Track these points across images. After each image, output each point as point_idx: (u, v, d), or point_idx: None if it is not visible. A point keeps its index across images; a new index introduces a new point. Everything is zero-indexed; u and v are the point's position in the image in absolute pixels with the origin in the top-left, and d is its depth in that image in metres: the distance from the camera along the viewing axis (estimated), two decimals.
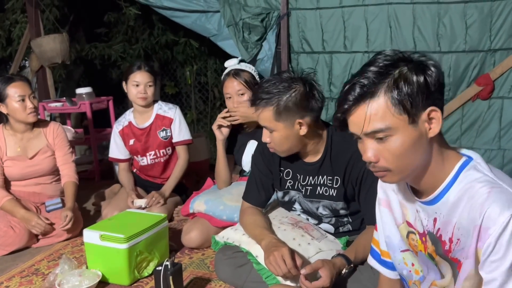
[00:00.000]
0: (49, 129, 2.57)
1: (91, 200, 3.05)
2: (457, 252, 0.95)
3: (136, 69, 2.61)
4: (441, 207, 0.96)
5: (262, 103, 1.54)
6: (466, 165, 0.94)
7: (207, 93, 5.51)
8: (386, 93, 0.89)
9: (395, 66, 0.91)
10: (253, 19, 3.13)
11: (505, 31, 2.74)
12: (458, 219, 0.92)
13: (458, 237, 0.93)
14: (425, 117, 0.90)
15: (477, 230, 0.87)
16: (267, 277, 1.57)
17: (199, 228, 2.23)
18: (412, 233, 1.06)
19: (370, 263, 1.25)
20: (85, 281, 1.85)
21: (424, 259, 1.06)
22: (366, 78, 0.91)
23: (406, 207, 1.06)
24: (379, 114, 0.90)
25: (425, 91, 0.89)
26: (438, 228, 0.97)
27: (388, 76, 0.89)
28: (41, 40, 3.85)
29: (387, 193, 1.13)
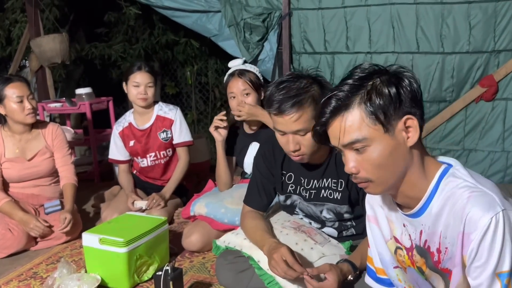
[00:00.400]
0: (48, 131, 2.55)
1: (91, 202, 3.03)
2: (446, 262, 0.95)
3: (136, 69, 2.59)
4: (426, 219, 0.96)
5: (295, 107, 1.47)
6: (445, 173, 0.95)
7: (207, 94, 5.48)
8: (360, 105, 0.92)
9: (369, 78, 0.93)
10: (254, 19, 3.10)
11: (510, 32, 2.72)
12: (443, 228, 0.93)
13: (445, 246, 0.93)
14: (401, 126, 0.92)
15: (461, 236, 0.88)
16: (269, 282, 1.54)
17: (200, 231, 2.20)
18: (399, 249, 1.06)
19: (367, 282, 1.24)
20: (84, 286, 1.82)
21: (413, 275, 1.05)
22: (341, 91, 0.94)
23: (392, 222, 1.06)
24: (354, 126, 0.92)
25: (397, 101, 0.91)
26: (425, 240, 0.97)
27: (361, 88, 0.92)
28: (40, 40, 3.83)
29: (374, 208, 1.13)
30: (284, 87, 1.48)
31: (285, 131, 1.51)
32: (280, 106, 1.46)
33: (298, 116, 1.47)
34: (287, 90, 1.47)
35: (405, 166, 0.94)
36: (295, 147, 1.51)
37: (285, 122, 1.49)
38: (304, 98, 1.47)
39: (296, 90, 1.47)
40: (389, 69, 0.95)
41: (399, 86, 0.92)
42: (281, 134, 1.54)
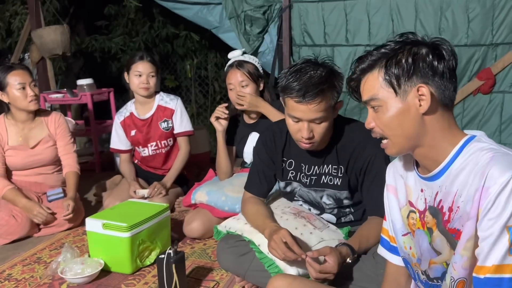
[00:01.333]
0: (51, 119, 2.57)
1: (92, 191, 3.06)
2: (455, 221, 0.99)
3: (139, 59, 2.61)
4: (444, 180, 1.01)
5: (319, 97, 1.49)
6: (470, 140, 1.00)
7: (207, 87, 5.50)
8: (380, 69, 1.02)
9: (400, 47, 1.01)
10: (255, 12, 3.13)
11: (507, 25, 2.75)
12: (460, 186, 0.97)
13: (458, 205, 0.98)
14: (415, 93, 0.99)
15: (480, 191, 0.92)
16: (270, 265, 1.58)
17: (201, 218, 2.24)
18: (413, 212, 1.12)
19: (380, 252, 1.28)
20: (88, 269, 1.86)
21: (419, 237, 1.10)
22: (374, 55, 1.04)
23: (410, 188, 1.12)
24: (372, 86, 1.04)
25: (412, 71, 0.98)
26: (440, 199, 1.03)
27: (387, 55, 1.02)
28: (41, 31, 3.84)
29: (395, 178, 1.18)
30: (304, 74, 1.47)
31: (302, 118, 1.51)
32: (305, 94, 1.45)
33: (320, 104, 1.48)
34: (309, 77, 1.47)
35: (417, 131, 1.00)
36: (309, 135, 1.52)
37: (305, 110, 1.48)
38: (326, 86, 1.49)
39: (318, 78, 1.47)
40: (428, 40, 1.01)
41: (419, 58, 0.98)
42: (295, 121, 1.53)
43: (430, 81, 0.98)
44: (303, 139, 1.55)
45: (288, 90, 1.49)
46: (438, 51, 0.99)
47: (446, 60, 0.98)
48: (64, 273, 1.86)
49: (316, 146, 1.60)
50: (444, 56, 0.98)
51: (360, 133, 1.62)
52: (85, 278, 1.84)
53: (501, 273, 0.90)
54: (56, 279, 1.91)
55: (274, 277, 1.39)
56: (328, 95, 1.49)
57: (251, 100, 2.24)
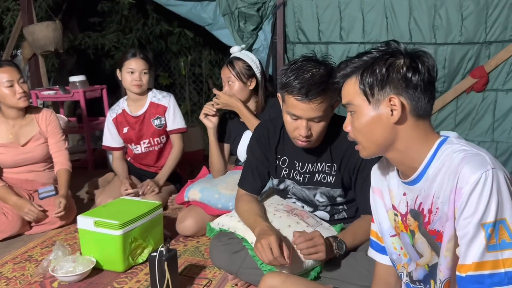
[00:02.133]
0: (42, 116, 2.55)
1: (85, 189, 3.04)
2: (436, 223, 1.01)
3: (131, 56, 2.59)
4: (423, 184, 1.03)
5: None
6: (443, 143, 1.02)
7: (201, 84, 5.49)
8: (357, 77, 1.05)
9: (377, 55, 1.04)
10: (249, 8, 3.11)
11: (501, 24, 2.76)
12: (437, 188, 1.00)
13: (437, 206, 1.00)
14: (387, 103, 1.01)
15: (454, 191, 0.94)
16: (262, 263, 1.57)
17: (194, 216, 2.23)
18: (396, 215, 1.15)
19: (371, 255, 1.29)
20: (79, 267, 1.84)
21: (404, 240, 1.13)
22: (355, 63, 1.07)
23: (392, 192, 1.15)
24: (349, 91, 1.08)
25: (384, 82, 1.01)
26: (420, 202, 1.05)
27: (366, 63, 1.04)
28: (33, 27, 3.80)
29: (380, 181, 1.21)
30: (306, 72, 1.46)
31: (301, 117, 1.50)
32: (307, 93, 1.44)
33: (321, 104, 1.47)
34: (311, 76, 1.45)
35: (388, 138, 1.04)
36: (307, 133, 1.52)
37: (305, 108, 1.47)
38: (328, 86, 1.46)
39: (320, 77, 1.46)
40: (408, 50, 1.03)
41: (393, 70, 1.00)
42: (294, 118, 1.52)
43: (402, 92, 1.00)
44: (300, 137, 1.54)
45: (289, 87, 1.47)
46: (414, 64, 1.00)
47: (422, 74, 1.00)
48: (55, 271, 1.84)
49: (311, 144, 1.59)
50: (419, 69, 1.00)
51: None
52: (76, 276, 1.82)
53: (481, 270, 0.91)
54: (47, 277, 1.89)
55: (267, 275, 1.39)
56: (329, 95, 1.49)
57: (224, 100, 2.26)
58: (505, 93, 2.85)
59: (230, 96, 2.26)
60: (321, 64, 1.50)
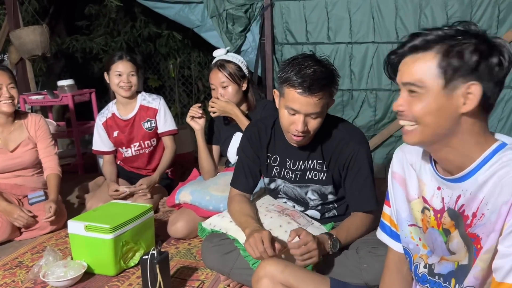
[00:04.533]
0: (31, 121, 2.53)
1: (75, 193, 3.02)
2: (477, 227, 0.95)
3: (118, 59, 2.59)
4: (469, 185, 0.96)
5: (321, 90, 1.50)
6: (501, 148, 0.95)
7: (191, 86, 5.48)
8: (437, 54, 0.92)
9: (463, 35, 0.92)
10: (236, 10, 3.13)
11: (485, 22, 2.80)
12: (487, 195, 0.93)
13: (483, 212, 0.94)
14: (464, 90, 0.91)
15: (508, 205, 0.88)
16: (254, 263, 1.58)
17: (185, 218, 2.23)
18: (427, 209, 1.07)
19: (379, 237, 1.25)
20: (70, 272, 1.83)
21: (433, 235, 1.07)
22: (432, 35, 0.93)
23: (424, 183, 1.07)
24: (421, 69, 0.93)
25: (472, 70, 0.90)
26: (462, 204, 0.98)
27: (450, 40, 0.92)
28: (20, 31, 3.77)
29: (404, 167, 1.13)
30: (308, 68, 1.48)
31: (299, 111, 1.50)
32: (310, 87, 1.46)
33: (321, 99, 1.49)
34: (313, 71, 1.47)
35: (449, 129, 0.94)
36: (303, 128, 1.53)
37: (305, 103, 1.48)
38: (329, 83, 1.50)
39: (321, 73, 1.48)
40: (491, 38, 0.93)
41: (484, 58, 0.91)
42: (291, 113, 1.53)
43: (484, 83, 0.91)
44: (296, 132, 1.54)
45: (291, 81, 1.49)
46: (502, 56, 0.92)
47: (505, 68, 0.92)
48: (46, 276, 1.83)
49: (304, 141, 1.60)
50: (503, 63, 0.92)
51: (344, 129, 1.66)
52: (68, 281, 1.81)
53: None
54: (38, 283, 1.88)
55: (266, 261, 1.38)
56: (328, 92, 1.52)
57: (221, 106, 2.24)
58: None
59: (227, 102, 2.24)
60: (321, 62, 1.53)
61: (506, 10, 2.77)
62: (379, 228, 1.26)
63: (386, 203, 1.22)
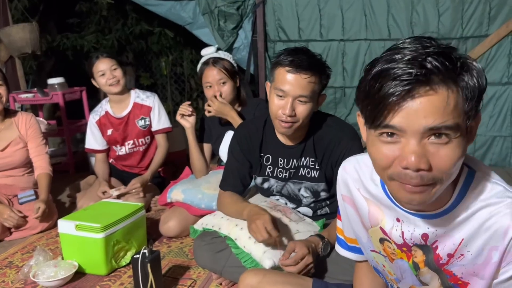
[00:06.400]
0: (22, 120, 2.50)
1: (66, 192, 2.99)
2: (455, 266, 0.87)
3: (95, 59, 2.58)
4: (439, 223, 0.85)
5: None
6: (472, 177, 0.83)
7: (183, 84, 5.45)
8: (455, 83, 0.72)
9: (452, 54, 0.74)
10: (228, 7, 3.11)
11: (476, 19, 2.81)
12: (466, 236, 0.83)
13: (462, 253, 0.84)
14: (475, 122, 0.78)
15: (501, 252, 0.79)
16: (246, 261, 1.58)
17: (177, 217, 2.22)
18: (387, 241, 0.96)
19: (338, 251, 1.19)
20: (61, 272, 1.81)
21: (402, 267, 0.97)
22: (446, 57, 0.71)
23: (383, 213, 0.94)
24: (451, 106, 0.71)
25: (481, 95, 0.74)
26: (435, 240, 0.87)
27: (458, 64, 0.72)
28: (9, 29, 3.73)
29: (351, 190, 1.00)
30: (303, 52, 1.50)
31: (288, 93, 1.50)
32: (301, 63, 1.46)
33: (311, 79, 1.49)
34: (304, 53, 1.49)
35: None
36: (291, 112, 1.51)
37: (295, 82, 1.48)
38: (319, 67, 1.50)
39: (312, 57, 1.50)
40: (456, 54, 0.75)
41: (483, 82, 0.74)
42: (280, 96, 1.52)
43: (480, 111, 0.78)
44: (283, 117, 1.53)
45: (282, 60, 1.50)
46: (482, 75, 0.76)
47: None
48: (36, 276, 1.81)
49: (295, 130, 1.57)
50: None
51: (336, 127, 1.65)
52: (58, 281, 1.79)
53: None
54: (28, 283, 1.86)
55: (245, 273, 1.39)
56: (318, 77, 1.51)
57: (218, 107, 2.22)
58: None
59: (224, 104, 2.22)
60: (313, 53, 1.54)
61: (497, 7, 2.78)
62: (336, 243, 1.19)
63: (338, 217, 1.14)
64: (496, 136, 2.97)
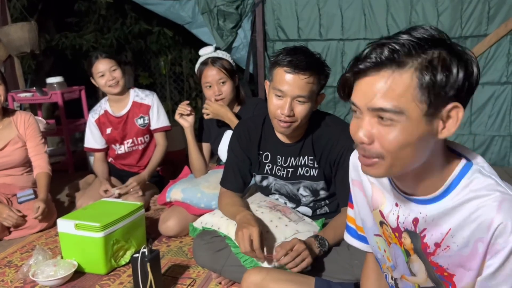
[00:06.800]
0: (20, 119, 2.50)
1: (65, 192, 2.99)
2: (441, 258, 0.88)
3: (95, 60, 2.57)
4: (430, 210, 0.86)
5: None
6: (468, 169, 0.84)
7: (182, 84, 5.44)
8: (416, 70, 0.75)
9: (434, 44, 0.76)
10: (227, 6, 3.11)
11: (475, 19, 2.82)
12: (453, 226, 0.84)
13: (448, 244, 0.85)
14: (445, 113, 0.77)
15: (485, 244, 0.80)
16: (245, 260, 1.58)
17: (176, 216, 2.21)
18: (384, 224, 0.98)
19: (347, 240, 1.21)
20: (60, 271, 1.81)
21: (396, 252, 1.00)
22: (400, 45, 0.75)
23: (384, 196, 0.96)
24: (397, 91, 0.75)
25: (457, 86, 0.75)
26: (424, 228, 0.89)
27: (424, 51, 0.75)
28: (8, 28, 3.72)
29: (360, 174, 1.03)
30: (302, 51, 1.49)
31: (286, 93, 1.50)
32: (299, 63, 1.46)
33: (310, 80, 1.49)
34: (303, 53, 1.49)
35: (425, 157, 0.81)
36: (289, 112, 1.51)
37: (293, 82, 1.48)
38: (317, 67, 1.50)
39: (311, 57, 1.50)
40: (452, 43, 0.78)
41: (467, 69, 0.76)
42: (278, 96, 1.52)
43: (463, 101, 0.77)
44: (282, 117, 1.53)
45: (280, 60, 1.49)
46: (476, 70, 0.78)
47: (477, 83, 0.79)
48: (36, 276, 1.81)
49: (293, 129, 1.58)
50: (477, 77, 0.79)
51: (335, 126, 1.65)
52: (58, 280, 1.79)
53: None
54: (27, 283, 1.85)
55: (248, 272, 1.39)
56: (316, 77, 1.51)
57: (215, 110, 2.21)
58: (481, 87, 2.92)
59: (221, 106, 2.21)
60: (311, 52, 1.54)
61: (496, 7, 2.78)
62: (345, 232, 1.20)
63: (349, 205, 1.16)
64: (495, 135, 2.98)
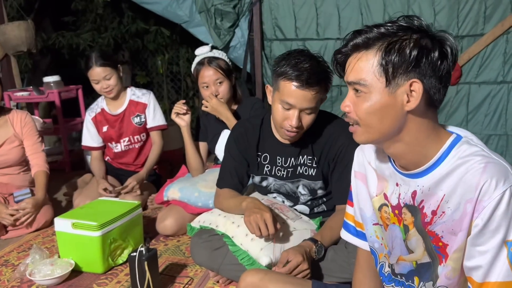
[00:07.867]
0: (17, 118, 2.49)
1: (62, 191, 2.99)
2: (437, 225, 0.95)
3: (90, 65, 2.55)
4: (426, 181, 0.96)
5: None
6: (457, 141, 0.95)
7: (179, 83, 5.44)
8: (378, 51, 0.91)
9: (404, 31, 0.91)
10: (225, 5, 3.10)
11: (472, 18, 2.82)
12: (447, 192, 0.93)
13: (443, 210, 0.93)
14: (406, 88, 0.91)
15: (473, 203, 0.88)
16: (243, 258, 1.58)
17: (174, 215, 2.22)
18: (385, 206, 1.07)
19: (344, 237, 1.24)
20: (57, 270, 1.81)
21: (393, 232, 1.06)
22: (373, 32, 0.92)
23: (386, 180, 1.06)
24: (363, 68, 0.93)
25: (412, 64, 0.89)
26: (421, 200, 0.97)
27: (389, 37, 0.91)
28: (4, 27, 3.70)
29: (364, 165, 1.13)
30: (305, 62, 1.47)
31: (295, 106, 1.50)
32: (308, 79, 1.45)
33: (316, 94, 1.49)
34: (310, 65, 1.47)
35: (396, 128, 0.93)
36: (298, 124, 1.52)
37: (301, 97, 1.48)
38: (325, 78, 1.50)
39: (318, 68, 1.48)
40: (434, 32, 0.91)
41: (424, 53, 0.88)
42: (286, 107, 1.52)
43: (426, 79, 0.90)
44: (289, 128, 1.53)
45: (288, 74, 1.48)
46: (444, 50, 0.90)
47: (449, 62, 0.90)
48: (33, 275, 1.81)
49: (296, 137, 1.60)
50: (448, 57, 0.90)
51: (334, 125, 1.67)
52: (55, 279, 1.79)
53: None
54: (24, 282, 1.85)
55: (246, 273, 1.40)
56: (324, 88, 1.52)
57: (214, 105, 2.21)
58: (477, 86, 2.92)
59: (221, 103, 2.21)
60: (315, 57, 1.53)
61: (493, 6, 2.79)
62: (342, 229, 1.25)
63: (349, 203, 1.22)
64: (492, 134, 2.98)
